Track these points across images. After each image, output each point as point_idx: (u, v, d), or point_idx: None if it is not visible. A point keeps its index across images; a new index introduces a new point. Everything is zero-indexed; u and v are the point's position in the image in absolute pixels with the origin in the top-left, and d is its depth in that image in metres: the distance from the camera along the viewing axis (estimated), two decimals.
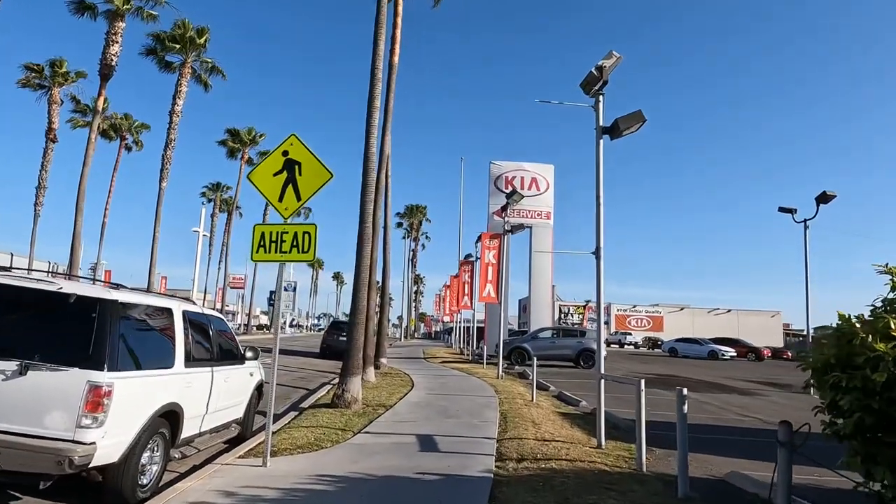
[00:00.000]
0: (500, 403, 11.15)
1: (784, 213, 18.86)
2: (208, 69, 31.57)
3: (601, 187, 7.82)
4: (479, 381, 15.61)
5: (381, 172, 15.05)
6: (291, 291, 72.38)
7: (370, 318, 14.66)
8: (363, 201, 10.78)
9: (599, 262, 7.66)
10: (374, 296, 14.76)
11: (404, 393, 12.41)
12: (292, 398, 12.49)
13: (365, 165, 10.85)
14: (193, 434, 6.19)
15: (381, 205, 14.78)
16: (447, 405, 10.74)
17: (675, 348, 42.27)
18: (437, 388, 13.81)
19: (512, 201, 17.22)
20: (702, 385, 18.36)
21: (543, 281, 27.46)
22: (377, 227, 14.55)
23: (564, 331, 25.00)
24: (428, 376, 16.70)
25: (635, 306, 66.70)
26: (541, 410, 10.48)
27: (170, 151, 30.11)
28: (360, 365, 10.54)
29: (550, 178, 28.44)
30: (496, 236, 18.32)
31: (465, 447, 7.16)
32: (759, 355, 41.84)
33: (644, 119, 7.69)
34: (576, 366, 23.18)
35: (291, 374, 17.63)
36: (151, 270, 29.01)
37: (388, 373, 17.25)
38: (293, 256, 6.51)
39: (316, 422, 8.63)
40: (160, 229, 29.84)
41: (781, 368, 33.34)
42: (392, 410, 9.96)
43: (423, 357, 27.41)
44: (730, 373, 25.86)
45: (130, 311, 5.04)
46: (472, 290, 27.01)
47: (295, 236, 6.52)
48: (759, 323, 64.49)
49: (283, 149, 6.76)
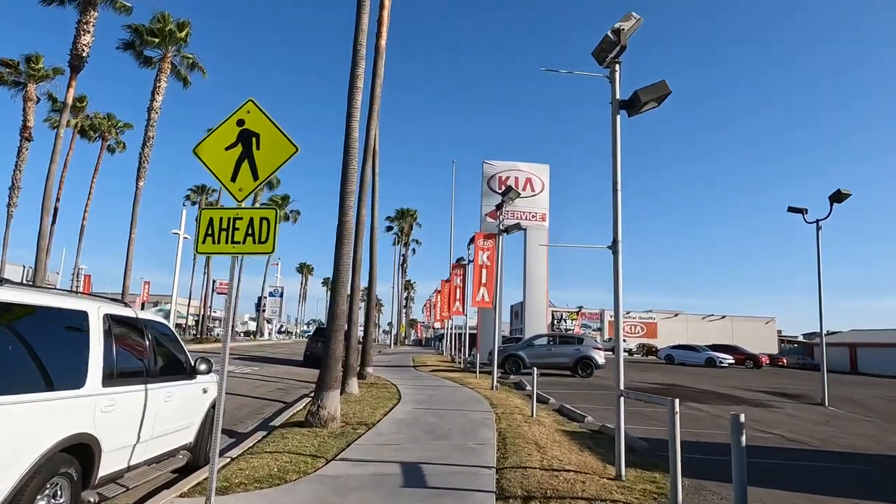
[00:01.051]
0: (497, 420, 9.93)
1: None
2: (189, 65, 30.25)
3: (618, 171, 6.67)
4: (471, 393, 14.39)
5: (367, 165, 13.85)
6: (279, 297, 70.93)
7: (353, 324, 13.41)
8: (343, 193, 9.56)
9: (618, 258, 6.49)
10: (357, 300, 13.51)
11: (390, 407, 11.16)
12: (265, 413, 11.22)
13: (346, 153, 9.64)
14: (120, 469, 4.94)
15: (366, 201, 13.60)
16: (437, 422, 9.50)
17: (672, 355, 41.21)
18: (427, 401, 12.57)
19: (507, 199, 16.05)
20: (708, 396, 17.24)
21: (538, 285, 26.28)
22: (362, 226, 13.34)
23: (561, 338, 23.80)
24: (417, 387, 15.45)
25: (629, 312, 65.69)
26: (543, 429, 9.28)
27: (148, 150, 28.75)
28: (339, 377, 9.29)
29: (546, 179, 27.33)
30: (490, 236, 17.14)
31: (459, 480, 5.94)
32: (757, 362, 40.88)
33: (668, 90, 6.55)
34: (573, 375, 22.02)
35: (270, 384, 16.33)
36: (126, 274, 27.57)
37: (374, 383, 15.98)
38: (248, 248, 5.29)
39: (284, 445, 7.38)
40: (137, 231, 28.44)
41: (782, 376, 32.37)
42: (374, 430, 8.71)
43: (413, 365, 26.12)
44: (732, 381, 24.79)
45: (12, 316, 3.79)
46: (464, 294, 25.80)
47: (251, 224, 5.30)
48: (753, 329, 63.74)
49: (237, 117, 5.54)
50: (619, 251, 6.52)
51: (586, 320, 65.09)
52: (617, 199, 6.61)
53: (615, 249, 6.54)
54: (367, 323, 18.49)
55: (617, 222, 6.57)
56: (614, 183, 6.65)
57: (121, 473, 5.01)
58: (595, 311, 66.01)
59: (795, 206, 17.94)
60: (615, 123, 6.75)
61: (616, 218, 6.59)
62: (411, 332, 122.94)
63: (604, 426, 9.89)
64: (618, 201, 6.61)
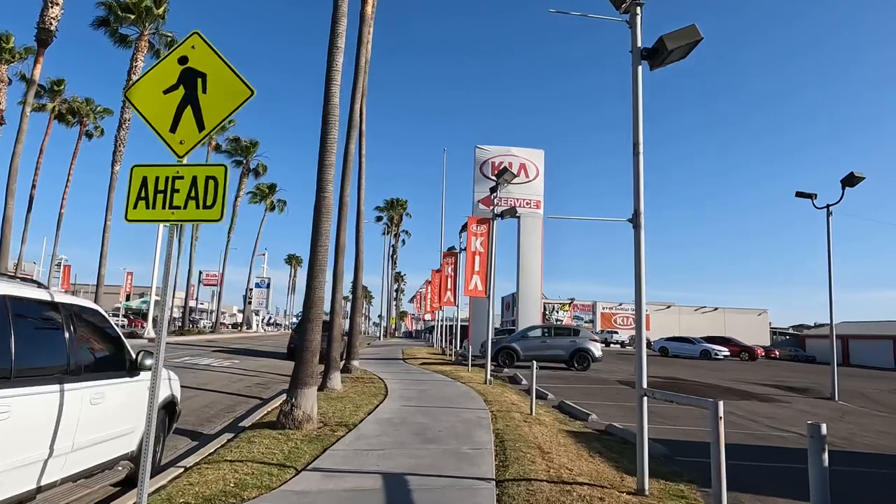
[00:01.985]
0: (493, 419, 8.96)
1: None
2: (167, 44, 28.88)
3: (640, 131, 5.67)
4: (464, 388, 13.42)
5: (352, 142, 12.77)
6: (265, 288, 69.62)
7: (337, 314, 12.38)
8: (322, 165, 8.51)
9: (640, 234, 5.50)
10: (341, 288, 12.47)
11: (375, 405, 10.16)
12: (237, 411, 10.20)
13: (325, 120, 8.58)
14: (25, 492, 3.90)
15: (350, 179, 12.52)
16: (427, 422, 8.52)
17: (666, 347, 40.54)
18: (416, 397, 11.58)
19: (502, 182, 15.04)
20: (713, 390, 16.39)
21: (532, 275, 25.32)
22: (345, 207, 12.27)
23: (557, 329, 22.88)
24: (405, 381, 14.46)
25: (621, 304, 65.10)
26: (544, 429, 8.32)
27: (124, 132, 27.48)
28: (316, 372, 8.28)
29: (540, 164, 26.30)
30: (484, 221, 16.13)
31: (453, 497, 4.95)
32: (752, 354, 40.35)
33: (698, 36, 5.55)
34: (568, 367, 21.14)
35: (249, 378, 15.29)
36: (101, 263, 26.33)
37: (360, 377, 14.97)
38: (190, 215, 4.25)
39: (249, 452, 6.36)
40: (112, 217, 27.15)
41: (779, 369, 31.75)
42: (356, 432, 7.70)
43: (402, 358, 25.13)
44: (732, 374, 24.05)
45: None
46: (455, 284, 24.78)
47: (194, 185, 4.26)
48: (745, 321, 63.39)
49: (179, 53, 4.47)
50: (640, 225, 5.53)
51: (578, 312, 64.41)
52: (638, 163, 5.62)
53: (636, 223, 5.55)
54: (353, 313, 17.44)
55: (638, 191, 5.58)
56: (635, 145, 5.66)
57: (28, 496, 3.98)
58: (587, 302, 65.33)
59: (804, 192, 17.09)
60: (636, 76, 5.74)
61: (637, 186, 5.59)
62: (402, 324, 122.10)
63: (610, 425, 8.96)
64: (639, 166, 5.61)
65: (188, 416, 9.30)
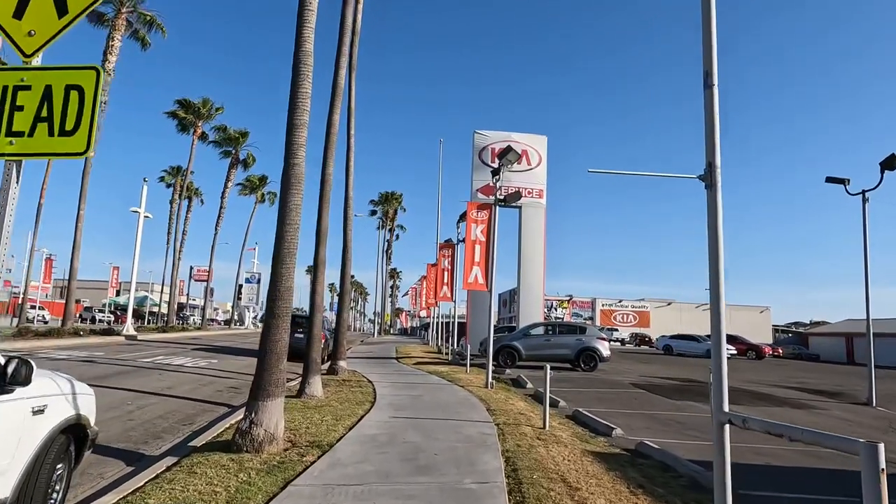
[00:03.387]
0: (501, 435, 7.41)
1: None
2: (146, 22, 27.15)
3: (714, 55, 4.11)
4: (463, 393, 11.88)
5: (335, 110, 11.14)
6: (255, 284, 67.81)
7: (318, 309, 10.79)
8: (292, 126, 6.92)
9: (716, 194, 3.95)
10: (323, 279, 10.87)
11: (359, 416, 8.60)
12: (197, 423, 8.60)
13: (295, 69, 7.01)
14: None
15: (335, 156, 10.91)
16: (420, 442, 6.95)
17: (671, 346, 39.11)
18: (408, 405, 10.02)
19: (506, 162, 13.46)
20: (737, 395, 14.88)
21: (534, 269, 23.75)
22: (328, 184, 10.67)
23: (561, 327, 21.34)
24: (397, 385, 12.91)
25: (621, 301, 63.74)
26: (564, 451, 6.78)
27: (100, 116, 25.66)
28: (282, 381, 6.70)
29: (543, 151, 24.70)
30: (485, 207, 14.54)
31: None
32: (760, 353, 38.93)
33: None
34: (574, 368, 19.64)
35: (222, 381, 13.68)
36: (74, 255, 24.62)
37: (347, 380, 13.40)
38: (40, 146, 2.67)
39: (183, 491, 4.79)
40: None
41: (792, 368, 30.35)
42: (330, 455, 6.13)
43: (395, 357, 23.56)
44: (747, 375, 22.58)
45: None
46: (452, 278, 23.23)
47: (47, 98, 2.68)
48: (747, 318, 62.08)
49: None
50: (717, 182, 3.97)
51: (577, 309, 62.98)
52: (712, 99, 4.05)
53: (710, 180, 3.99)
54: (341, 309, 15.84)
55: (713, 136, 4.02)
56: (706, 75, 4.09)
57: None
58: (586, 299, 63.90)
59: (835, 177, 15.60)
60: None
61: (711, 129, 4.03)
62: (397, 321, 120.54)
63: (642, 444, 7.43)
64: (713, 103, 4.05)
65: (134, 432, 7.74)
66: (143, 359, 17.55)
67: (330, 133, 10.73)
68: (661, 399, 12.73)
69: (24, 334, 20.64)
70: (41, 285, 53.55)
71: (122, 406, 9.52)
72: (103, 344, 22.81)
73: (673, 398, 13.04)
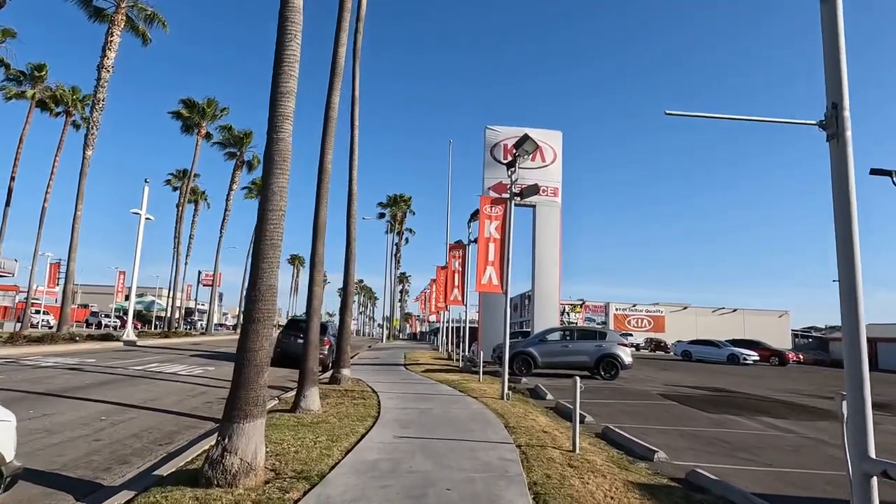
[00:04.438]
0: (525, 462, 6.24)
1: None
2: (147, 17, 26.34)
3: None
4: (476, 407, 10.72)
5: (335, 91, 10.05)
6: None
7: (315, 313, 9.68)
8: (276, 94, 5.84)
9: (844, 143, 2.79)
10: (320, 279, 9.76)
11: (359, 435, 7.47)
12: (175, 442, 7.52)
13: (281, 27, 5.93)
14: None
15: (332, 139, 9.78)
16: (429, 470, 5.81)
17: (689, 351, 37.63)
18: (415, 422, 8.87)
19: (522, 152, 12.32)
20: (777, 407, 13.60)
21: (549, 271, 22.54)
22: (327, 172, 9.57)
23: (580, 331, 20.08)
24: (404, 397, 11.77)
25: (635, 305, 62.21)
26: (602, 481, 5.61)
27: (97, 114, 24.87)
28: (262, 398, 5.59)
29: (558, 147, 23.52)
30: (500, 202, 13.39)
31: None
32: (783, 359, 37.36)
33: None
34: (593, 376, 18.40)
35: (213, 391, 12.62)
36: (71, 257, 23.73)
37: (350, 390, 12.29)
38: None
39: None
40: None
41: (818, 375, 28.84)
42: (319, 490, 5.00)
43: (403, 364, 22.42)
44: (776, 383, 21.21)
45: None
46: (463, 280, 22.06)
47: None
48: (766, 323, 60.33)
49: None
50: (844, 129, 2.81)
51: (590, 313, 61.53)
52: (836, 19, 2.90)
53: (836, 126, 2.83)
54: (343, 313, 14.75)
55: (838, 65, 2.87)
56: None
57: None
58: (599, 303, 62.44)
59: (880, 168, 14.26)
60: None
61: (836, 57, 2.88)
62: (406, 326, 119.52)
63: (693, 472, 6.23)
64: (836, 17, 2.90)
65: (98, 455, 6.67)
66: (135, 366, 16.55)
67: (328, 118, 9.65)
68: (697, 412, 11.49)
69: (16, 340, 19.73)
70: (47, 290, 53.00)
71: (93, 422, 8.46)
72: (99, 350, 21.88)
73: (708, 411, 11.80)
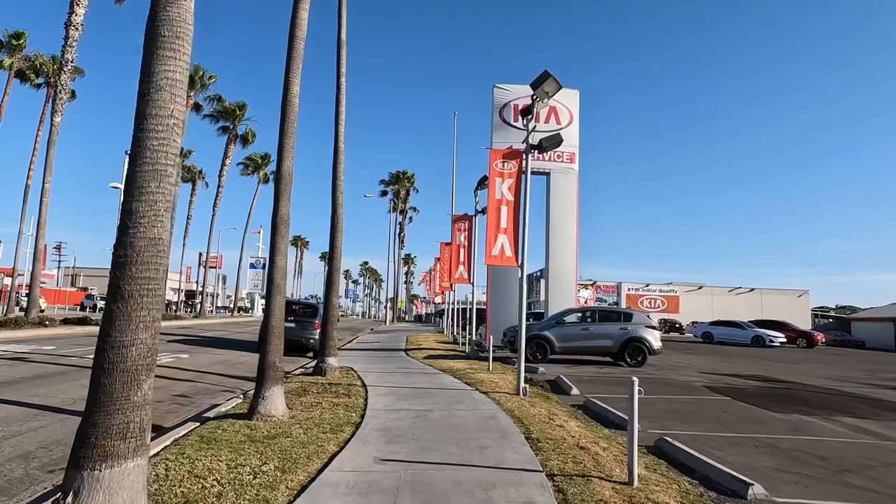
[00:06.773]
0: (558, 494, 4.11)
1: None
2: None
3: None
4: (487, 405, 8.60)
5: (301, 8, 7.75)
6: (261, 269, 65.04)
7: (278, 290, 7.51)
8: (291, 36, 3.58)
9: None
10: (284, 248, 7.56)
11: (326, 458, 5.34)
12: None
13: None
14: None
15: (299, 68, 7.50)
16: None
17: (710, 333, 35.41)
18: (407, 432, 6.73)
19: (542, 94, 10.06)
20: (844, 401, 11.40)
21: (566, 246, 20.27)
22: (291, 106, 7.32)
23: (601, 313, 17.85)
24: (398, 394, 9.67)
25: (648, 285, 59.83)
26: None
27: (65, 77, 22.64)
28: (144, 421, 3.46)
29: (575, 108, 21.07)
30: (514, 155, 11.11)
31: None
32: (811, 341, 35.11)
33: None
34: (617, 362, 16.28)
35: (175, 385, 10.65)
36: (39, 233, 21.68)
37: (333, 385, 10.21)
38: None
39: None
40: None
41: (854, 357, 26.60)
42: None
43: (405, 349, 20.34)
44: (817, 369, 19.01)
45: None
46: (469, 255, 19.88)
47: None
48: (784, 303, 57.84)
49: None
50: None
51: (601, 294, 59.26)
52: None
53: None
54: (329, 292, 12.61)
55: None
56: None
57: None
58: (611, 283, 60.14)
59: None
60: None
61: None
62: (412, 307, 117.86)
63: None
64: None
65: None
66: (88, 354, 14.53)
67: (294, 37, 7.39)
68: (761, 412, 9.30)
69: None
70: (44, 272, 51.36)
71: None
72: (66, 335, 19.92)
73: (772, 409, 9.62)
